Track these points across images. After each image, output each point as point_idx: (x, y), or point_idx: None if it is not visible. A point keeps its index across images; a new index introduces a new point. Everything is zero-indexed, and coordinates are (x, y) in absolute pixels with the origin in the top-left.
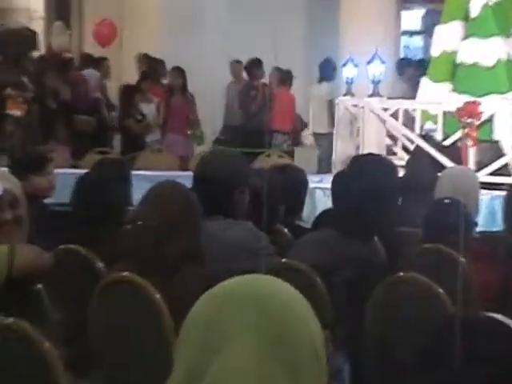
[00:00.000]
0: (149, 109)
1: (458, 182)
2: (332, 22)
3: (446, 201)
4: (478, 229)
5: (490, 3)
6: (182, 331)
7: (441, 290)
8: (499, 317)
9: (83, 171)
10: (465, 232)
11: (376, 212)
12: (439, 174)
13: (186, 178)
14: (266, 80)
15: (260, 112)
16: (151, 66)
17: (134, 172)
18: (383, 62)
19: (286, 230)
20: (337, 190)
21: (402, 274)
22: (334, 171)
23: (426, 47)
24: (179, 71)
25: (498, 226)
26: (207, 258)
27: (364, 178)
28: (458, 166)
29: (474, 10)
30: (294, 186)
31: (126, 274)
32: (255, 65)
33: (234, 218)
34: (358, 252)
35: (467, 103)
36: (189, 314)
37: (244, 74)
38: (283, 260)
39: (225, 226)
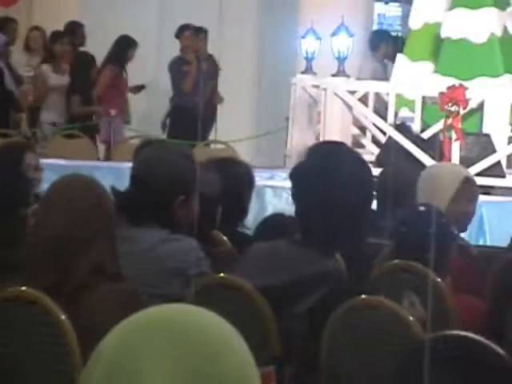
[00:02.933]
0: (60, 81)
1: (443, 184)
2: None
3: (421, 208)
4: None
5: None
6: (88, 365)
7: (411, 318)
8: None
9: None
10: (444, 246)
11: (342, 218)
12: (421, 173)
13: (106, 169)
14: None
15: (195, 91)
16: (69, 29)
17: (43, 160)
18: (351, 35)
19: (224, 238)
20: (297, 187)
21: (365, 296)
22: (288, 165)
23: (405, 17)
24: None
25: (485, 238)
26: (132, 273)
27: (329, 172)
28: (443, 162)
29: None
30: (236, 184)
31: (24, 289)
32: (183, 30)
33: (173, 230)
34: (317, 269)
35: (452, 87)
36: (97, 347)
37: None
38: (221, 275)
39: (159, 238)
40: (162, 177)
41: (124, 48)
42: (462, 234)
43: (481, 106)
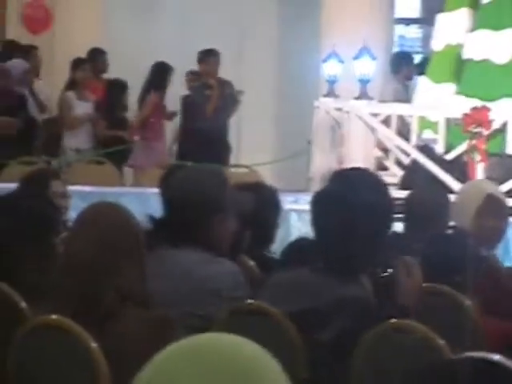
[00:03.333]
0: (84, 108)
1: (467, 200)
2: (313, 8)
3: (450, 231)
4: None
5: None
6: None
7: (442, 341)
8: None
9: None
10: (471, 268)
11: (365, 243)
12: (452, 195)
13: (132, 195)
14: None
15: (217, 116)
16: (90, 56)
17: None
18: (374, 58)
19: (252, 263)
20: (317, 213)
21: (395, 320)
22: (312, 188)
23: (426, 39)
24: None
25: (511, 259)
26: (172, 293)
27: (350, 199)
28: (480, 180)
29: None
30: (263, 209)
31: (55, 316)
32: (207, 56)
33: (212, 250)
34: (340, 295)
35: (475, 109)
36: (134, 380)
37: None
38: (250, 301)
39: (200, 259)
40: (198, 196)
41: (163, 74)
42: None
43: (504, 127)
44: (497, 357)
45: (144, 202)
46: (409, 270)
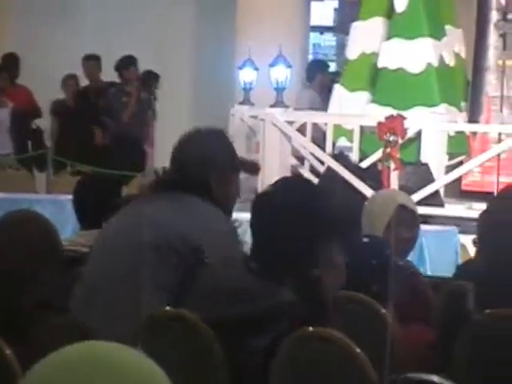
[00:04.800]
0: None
1: (379, 210)
2: (227, 14)
3: (365, 239)
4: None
5: None
6: None
7: (358, 350)
8: (434, 378)
9: None
10: (387, 276)
11: (292, 248)
12: (365, 202)
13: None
14: None
15: (134, 123)
16: (5, 62)
17: None
18: (289, 66)
19: None
20: (254, 215)
21: (311, 328)
22: None
23: (340, 47)
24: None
25: (426, 267)
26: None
27: (283, 202)
28: (387, 189)
29: (400, 4)
30: None
31: None
32: (127, 63)
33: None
34: (280, 300)
35: (390, 117)
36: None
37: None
38: (168, 308)
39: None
40: (194, 155)
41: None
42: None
43: (418, 136)
44: (435, 377)
45: (58, 208)
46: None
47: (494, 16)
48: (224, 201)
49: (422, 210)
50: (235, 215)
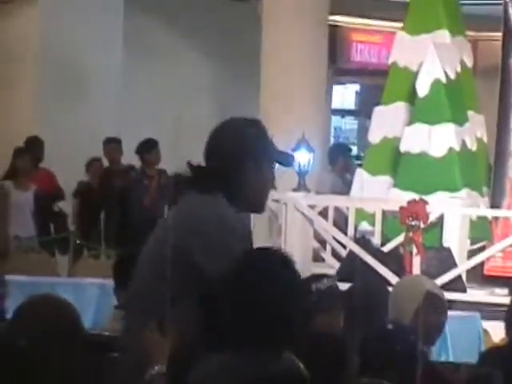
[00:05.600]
0: (23, 197)
1: (406, 297)
2: (251, 97)
3: (389, 326)
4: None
5: (443, 80)
6: None
7: None
8: None
9: None
10: (410, 364)
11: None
12: (390, 288)
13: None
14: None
15: (155, 205)
16: (29, 145)
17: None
18: (311, 151)
19: None
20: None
21: None
22: None
23: (362, 130)
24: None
25: (448, 353)
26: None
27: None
28: (414, 275)
29: (422, 89)
30: None
31: None
32: (149, 147)
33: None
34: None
35: (412, 202)
36: None
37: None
38: None
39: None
40: (226, 143)
41: None
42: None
43: (440, 220)
44: None
45: (80, 292)
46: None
47: None
48: (258, 192)
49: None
50: None
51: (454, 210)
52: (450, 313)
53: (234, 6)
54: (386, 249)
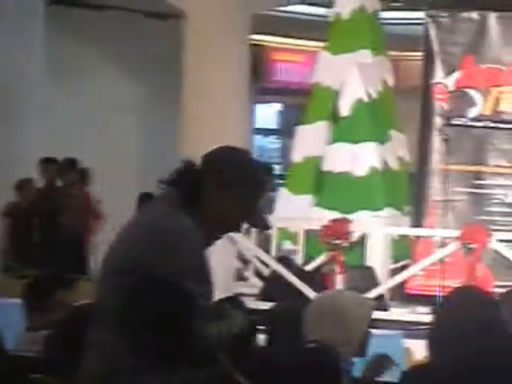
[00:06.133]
0: None
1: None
2: (175, 117)
3: (311, 345)
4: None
5: (365, 99)
6: None
7: None
8: None
9: None
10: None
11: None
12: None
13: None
14: None
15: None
16: None
17: None
18: None
19: None
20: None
21: None
22: None
23: (285, 149)
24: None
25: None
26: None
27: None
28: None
29: (344, 108)
30: None
31: None
32: (68, 166)
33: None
34: None
35: (334, 221)
36: None
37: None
38: None
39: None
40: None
41: None
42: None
43: (363, 239)
44: None
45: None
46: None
47: (438, 121)
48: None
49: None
50: None
51: (377, 229)
52: (371, 331)
53: (155, 25)
54: (309, 268)
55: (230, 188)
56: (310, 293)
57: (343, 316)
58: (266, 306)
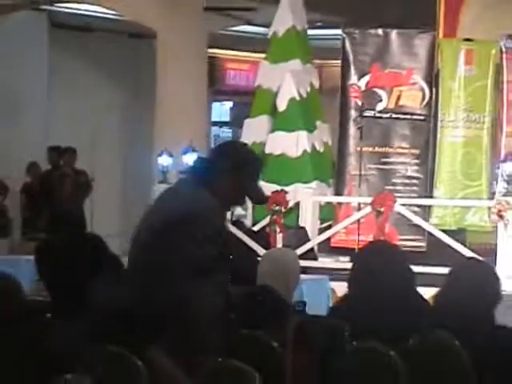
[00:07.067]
0: None
1: (279, 265)
2: (148, 116)
3: (256, 289)
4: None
5: (297, 98)
6: None
7: (256, 374)
8: None
9: None
10: (280, 319)
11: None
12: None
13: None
14: None
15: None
16: None
17: None
18: (197, 154)
19: None
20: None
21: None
22: None
23: (235, 137)
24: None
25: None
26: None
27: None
28: (280, 248)
29: (281, 105)
30: None
31: None
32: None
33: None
34: None
35: (275, 192)
36: None
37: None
38: None
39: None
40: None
41: None
42: None
43: (297, 206)
44: None
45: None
46: None
47: (353, 114)
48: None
49: (301, 264)
50: None
51: (307, 198)
52: (305, 276)
53: (134, 44)
54: (256, 228)
55: (235, 172)
56: (257, 248)
57: (284, 269)
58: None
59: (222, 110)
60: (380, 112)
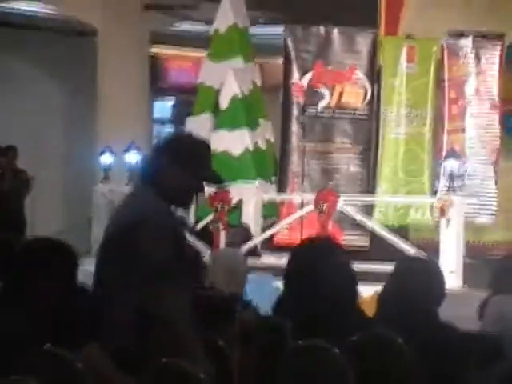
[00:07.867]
0: None
1: (229, 264)
2: (90, 114)
3: (207, 288)
4: None
5: (239, 96)
6: None
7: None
8: None
9: None
10: (228, 318)
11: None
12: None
13: None
14: None
15: (12, 196)
16: None
17: None
18: (139, 152)
19: None
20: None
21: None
22: (93, 253)
23: None
24: None
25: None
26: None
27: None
28: (228, 248)
29: (224, 103)
30: None
31: None
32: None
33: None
34: None
35: (219, 190)
36: None
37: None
38: None
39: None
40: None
41: None
42: None
43: (240, 203)
44: None
45: None
46: None
47: (295, 111)
48: (182, 193)
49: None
50: None
51: (250, 195)
52: (248, 275)
53: (76, 41)
54: (199, 226)
55: (185, 163)
56: (200, 246)
57: (234, 268)
58: None
59: (164, 107)
60: (322, 109)
